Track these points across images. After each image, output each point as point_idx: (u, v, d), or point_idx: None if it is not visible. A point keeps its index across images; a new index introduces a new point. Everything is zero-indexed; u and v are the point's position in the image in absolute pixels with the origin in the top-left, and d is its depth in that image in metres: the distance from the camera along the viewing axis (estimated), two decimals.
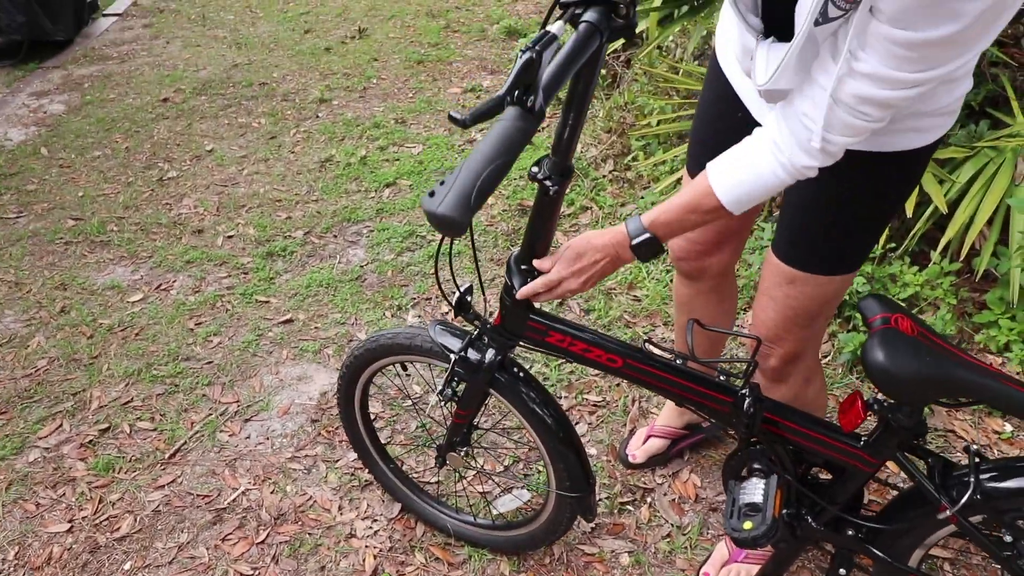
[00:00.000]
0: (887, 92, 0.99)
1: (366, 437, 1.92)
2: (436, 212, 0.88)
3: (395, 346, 1.62)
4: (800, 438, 1.31)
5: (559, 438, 1.54)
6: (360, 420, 1.87)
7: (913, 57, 0.95)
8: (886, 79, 0.97)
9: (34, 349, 2.64)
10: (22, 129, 4.20)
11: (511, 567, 1.88)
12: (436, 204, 0.86)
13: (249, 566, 1.92)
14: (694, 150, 1.58)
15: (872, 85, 0.99)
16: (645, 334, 2.52)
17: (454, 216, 0.88)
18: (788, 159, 1.11)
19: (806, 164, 1.10)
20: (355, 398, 1.82)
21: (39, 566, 1.95)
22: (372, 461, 1.96)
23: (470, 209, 0.88)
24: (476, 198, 0.89)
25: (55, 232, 3.27)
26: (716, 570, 1.79)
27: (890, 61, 0.96)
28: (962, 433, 2.12)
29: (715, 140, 1.52)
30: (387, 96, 4.29)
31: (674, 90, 3.23)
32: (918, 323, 1.15)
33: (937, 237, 2.41)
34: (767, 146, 1.14)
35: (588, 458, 1.62)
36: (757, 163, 1.14)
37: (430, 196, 0.89)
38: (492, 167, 0.89)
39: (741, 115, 1.37)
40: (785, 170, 1.12)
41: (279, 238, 3.14)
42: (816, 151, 1.08)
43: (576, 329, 1.38)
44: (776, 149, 1.12)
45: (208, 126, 4.10)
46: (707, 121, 1.53)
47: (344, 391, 1.81)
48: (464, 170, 0.89)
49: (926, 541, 1.32)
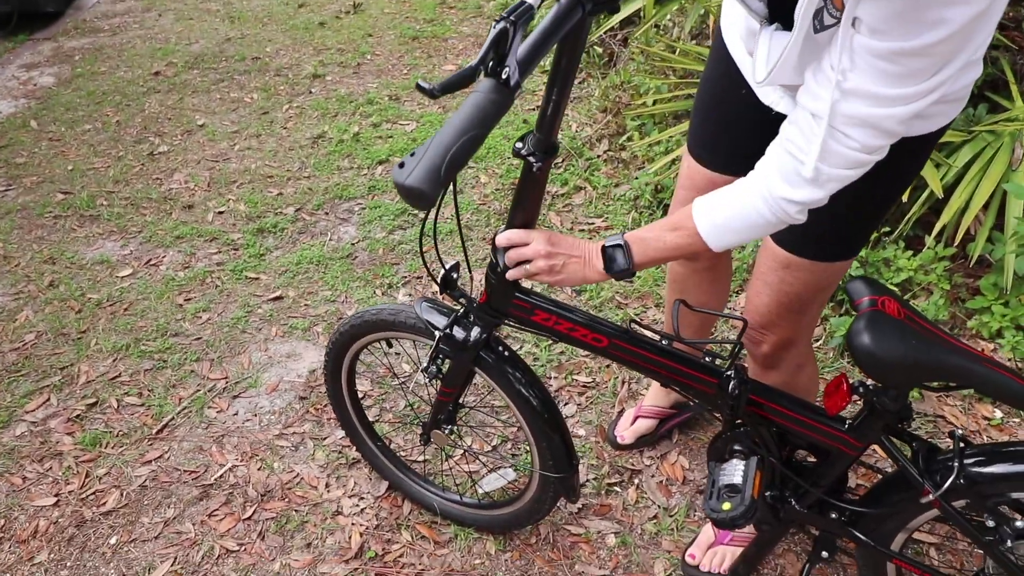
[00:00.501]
0: (876, 110, 0.96)
1: (353, 415, 1.91)
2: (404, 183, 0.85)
3: (380, 322, 1.61)
4: (785, 420, 1.30)
5: (543, 418, 1.54)
6: (347, 397, 1.87)
7: (897, 71, 0.92)
8: (873, 96, 0.95)
9: (22, 323, 2.63)
10: (11, 101, 4.15)
11: (497, 546, 1.88)
12: (405, 175, 0.84)
13: (235, 542, 1.92)
14: (695, 128, 1.56)
15: (860, 103, 0.96)
16: (636, 315, 2.51)
17: (423, 188, 0.85)
18: (768, 190, 1.07)
19: (787, 196, 1.06)
20: (342, 375, 1.82)
21: (25, 539, 1.95)
22: (359, 439, 1.96)
23: (439, 182, 0.85)
24: (446, 170, 0.87)
25: (44, 206, 3.24)
26: (702, 552, 1.79)
27: (873, 75, 0.93)
28: (952, 419, 2.12)
29: (717, 118, 1.49)
30: (381, 72, 4.25)
31: (671, 69, 3.20)
32: (905, 306, 1.14)
33: (932, 222, 2.39)
34: (753, 181, 1.11)
35: (572, 439, 1.61)
36: (741, 197, 1.11)
37: (400, 167, 0.86)
38: (464, 139, 0.86)
39: (745, 92, 1.35)
40: (766, 203, 1.08)
41: (270, 214, 3.12)
42: (802, 181, 1.04)
43: (562, 308, 1.36)
44: (760, 181, 1.09)
45: (200, 100, 4.06)
46: (710, 99, 1.51)
47: (331, 368, 1.80)
48: (435, 142, 0.87)
49: (909, 525, 1.31)
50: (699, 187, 1.58)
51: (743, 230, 1.12)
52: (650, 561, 1.84)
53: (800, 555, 1.82)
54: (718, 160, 1.52)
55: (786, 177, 1.06)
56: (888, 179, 1.27)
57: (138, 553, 1.91)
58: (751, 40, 1.20)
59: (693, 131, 1.57)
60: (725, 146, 1.50)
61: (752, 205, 1.09)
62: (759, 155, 1.12)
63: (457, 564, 1.85)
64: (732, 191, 1.13)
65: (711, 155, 1.53)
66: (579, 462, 1.64)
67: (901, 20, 0.87)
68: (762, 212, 1.09)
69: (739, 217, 1.11)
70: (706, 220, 1.14)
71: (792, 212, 1.08)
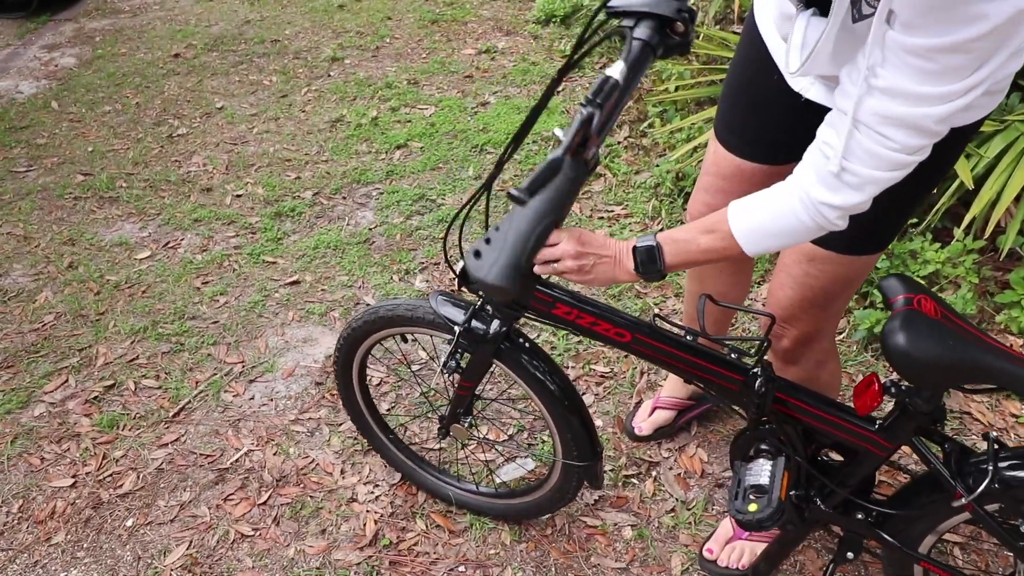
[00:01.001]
0: (907, 108, 0.92)
1: (365, 409, 1.88)
2: (486, 281, 0.79)
3: (396, 318, 1.58)
4: (813, 420, 1.27)
5: (565, 407, 1.51)
6: (358, 392, 1.84)
7: (933, 69, 0.87)
8: (905, 94, 0.90)
9: (41, 304, 2.63)
10: (33, 82, 4.15)
11: (512, 536, 1.86)
12: (485, 271, 0.78)
13: (250, 527, 1.92)
14: (723, 113, 1.52)
15: (890, 101, 0.92)
16: (656, 305, 2.48)
17: (504, 286, 0.80)
18: (806, 193, 1.04)
19: (825, 200, 1.02)
20: (353, 370, 1.78)
21: (42, 520, 1.96)
22: (371, 432, 1.94)
23: (521, 276, 0.79)
24: (527, 261, 0.81)
25: (64, 187, 3.24)
26: (720, 547, 1.77)
27: (908, 73, 0.89)
28: (978, 416, 2.07)
29: (746, 102, 1.45)
30: (400, 56, 4.21)
31: (694, 55, 3.14)
32: (942, 305, 1.10)
33: (961, 213, 2.34)
34: (790, 183, 1.07)
35: (595, 427, 1.59)
36: (778, 200, 1.07)
37: (476, 256, 0.80)
38: (541, 227, 0.80)
39: (776, 78, 1.30)
40: (804, 207, 1.04)
41: (288, 198, 3.10)
42: (835, 182, 1.00)
43: (583, 302, 1.33)
44: (797, 184, 1.05)
45: (219, 83, 4.04)
46: (739, 83, 1.46)
47: (342, 362, 1.77)
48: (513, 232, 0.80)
49: (939, 528, 1.28)
50: (724, 174, 1.54)
51: (780, 235, 1.08)
52: (667, 555, 1.82)
53: (820, 552, 1.80)
54: (745, 146, 1.48)
55: (821, 179, 1.02)
56: (921, 171, 1.23)
57: (154, 536, 1.91)
58: (785, 25, 1.16)
59: (721, 115, 1.53)
60: (753, 131, 1.46)
61: (789, 208, 1.06)
62: (787, 142, 1.08)
63: (472, 554, 1.83)
64: (769, 194, 1.09)
65: (738, 140, 1.49)
66: (603, 449, 1.62)
67: (937, 15, 0.83)
68: (800, 216, 1.05)
69: (776, 221, 1.07)
70: (742, 223, 1.10)
71: (832, 217, 1.04)
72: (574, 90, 3.71)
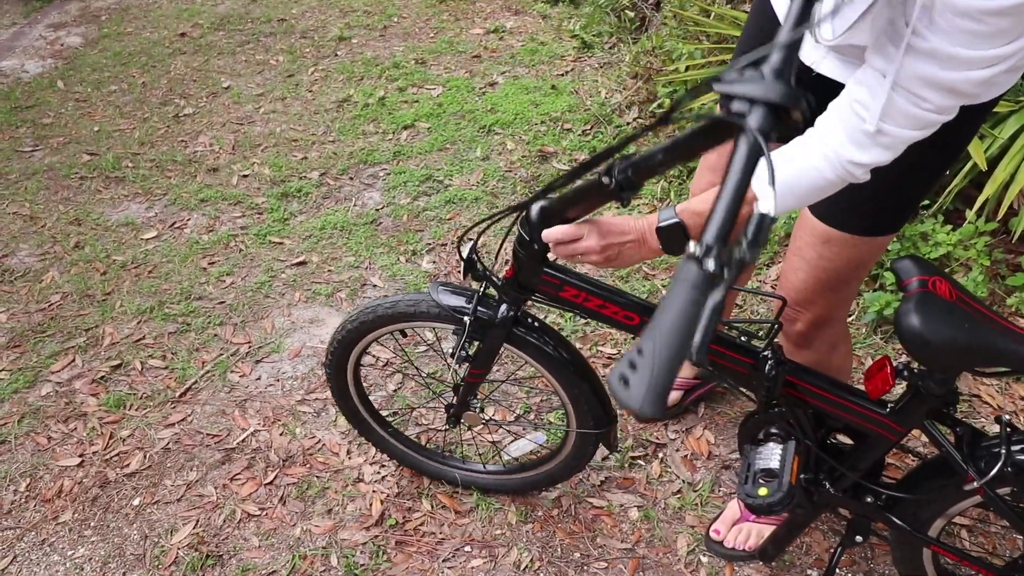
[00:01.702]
0: (951, 74, 0.90)
1: (360, 407, 1.83)
2: (638, 412, 0.76)
3: (397, 315, 1.53)
4: (823, 403, 1.25)
5: (578, 375, 1.50)
6: (353, 391, 1.78)
7: (982, 31, 0.85)
8: (951, 58, 0.88)
9: (48, 284, 2.63)
10: (39, 61, 4.14)
11: (518, 517, 1.86)
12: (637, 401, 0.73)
13: (257, 506, 1.92)
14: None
15: (935, 65, 0.90)
16: (664, 287, 2.46)
17: (656, 414, 0.77)
18: (834, 151, 1.02)
19: (855, 159, 1.01)
20: (348, 370, 1.72)
21: (50, 498, 1.96)
22: (368, 428, 1.89)
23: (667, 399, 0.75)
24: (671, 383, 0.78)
25: (70, 167, 3.23)
26: (727, 528, 1.76)
27: (956, 37, 0.87)
28: (988, 399, 2.06)
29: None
30: (408, 36, 4.18)
31: (704, 34, 3.10)
32: (957, 287, 1.08)
33: (974, 195, 2.30)
34: (813, 140, 1.05)
35: (608, 392, 1.57)
36: (801, 158, 1.05)
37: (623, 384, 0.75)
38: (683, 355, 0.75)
39: None
40: (831, 164, 1.03)
41: (294, 179, 3.09)
42: (867, 142, 0.99)
43: (592, 284, 1.32)
44: (822, 141, 1.03)
45: (225, 62, 4.02)
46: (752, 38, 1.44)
47: (336, 364, 1.69)
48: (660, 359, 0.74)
49: (949, 511, 1.27)
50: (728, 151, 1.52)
51: (804, 194, 1.07)
52: (673, 536, 1.82)
53: (827, 534, 1.79)
54: None
55: (852, 137, 1.00)
56: (937, 150, 1.21)
57: (161, 515, 1.92)
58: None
59: None
60: None
61: (815, 167, 1.04)
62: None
63: (478, 534, 1.84)
64: (791, 152, 1.07)
65: None
66: (617, 413, 1.61)
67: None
68: (825, 174, 1.04)
69: (801, 179, 1.06)
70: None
71: (858, 173, 1.03)
72: (583, 70, 3.67)
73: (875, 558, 1.74)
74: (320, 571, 1.78)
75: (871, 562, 1.73)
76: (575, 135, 3.16)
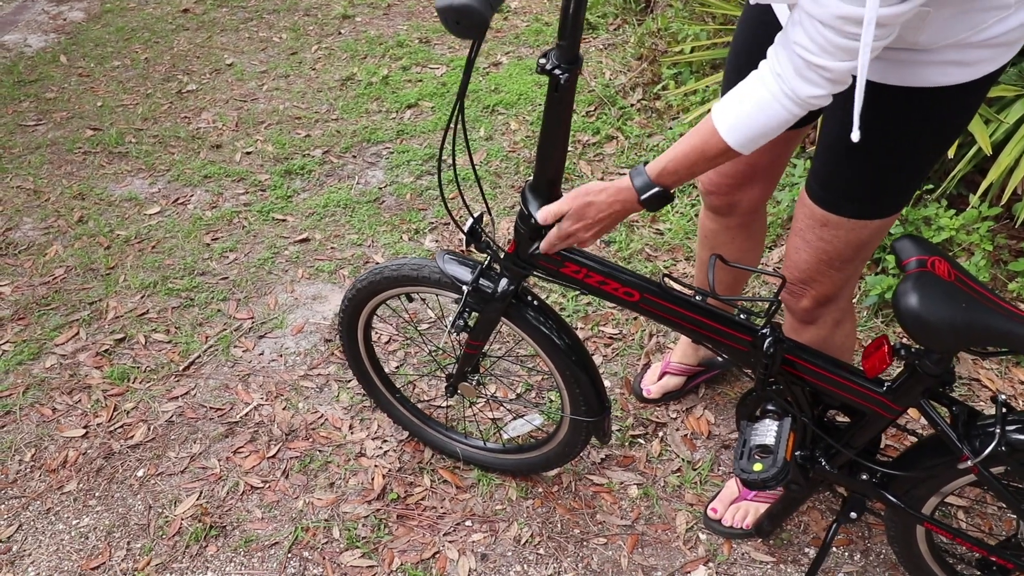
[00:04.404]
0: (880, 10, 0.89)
1: (370, 368, 1.88)
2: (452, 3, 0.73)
3: (401, 278, 1.57)
4: (820, 381, 1.27)
5: (573, 362, 1.51)
6: (364, 351, 1.84)
7: None
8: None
9: (52, 257, 2.64)
10: (42, 36, 4.12)
11: (519, 493, 1.88)
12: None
13: (259, 479, 1.95)
14: (729, 76, 1.50)
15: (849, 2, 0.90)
16: (666, 268, 2.47)
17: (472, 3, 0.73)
18: (791, 89, 1.04)
19: (811, 94, 1.03)
20: (358, 330, 1.78)
21: (54, 468, 1.99)
22: (376, 391, 1.94)
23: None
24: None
25: (74, 141, 3.23)
26: (725, 507, 1.78)
27: None
28: (987, 382, 2.07)
29: (749, 65, 1.43)
30: (412, 14, 4.16)
31: (710, 15, 3.09)
32: (956, 267, 1.09)
33: (977, 180, 2.31)
34: (770, 78, 1.06)
35: (603, 382, 1.59)
36: (762, 97, 1.07)
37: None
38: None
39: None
40: (791, 100, 1.05)
41: (298, 156, 3.09)
42: (815, 78, 1.01)
43: (592, 260, 1.33)
44: (779, 80, 1.05)
45: (228, 39, 4.00)
46: (744, 45, 1.44)
47: (347, 323, 1.76)
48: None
49: (943, 489, 1.28)
50: None
51: (767, 131, 1.09)
52: (672, 513, 1.84)
53: (824, 513, 1.81)
54: None
55: (802, 75, 1.02)
56: (930, 131, 1.21)
57: (164, 486, 1.94)
58: None
59: (727, 81, 1.51)
60: None
61: (770, 105, 1.06)
62: None
63: (479, 509, 1.86)
64: (746, 92, 1.09)
65: None
66: (611, 405, 1.63)
67: None
68: (786, 111, 1.06)
69: (758, 115, 1.07)
70: (726, 121, 1.10)
71: (822, 102, 1.05)
72: (587, 51, 3.66)
73: (871, 537, 1.76)
74: (322, 543, 1.81)
75: (868, 541, 1.75)
76: (579, 116, 3.16)
